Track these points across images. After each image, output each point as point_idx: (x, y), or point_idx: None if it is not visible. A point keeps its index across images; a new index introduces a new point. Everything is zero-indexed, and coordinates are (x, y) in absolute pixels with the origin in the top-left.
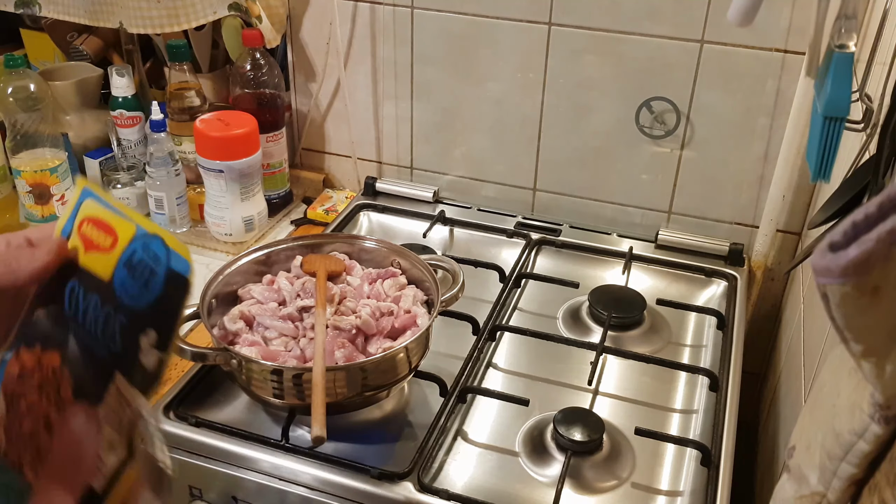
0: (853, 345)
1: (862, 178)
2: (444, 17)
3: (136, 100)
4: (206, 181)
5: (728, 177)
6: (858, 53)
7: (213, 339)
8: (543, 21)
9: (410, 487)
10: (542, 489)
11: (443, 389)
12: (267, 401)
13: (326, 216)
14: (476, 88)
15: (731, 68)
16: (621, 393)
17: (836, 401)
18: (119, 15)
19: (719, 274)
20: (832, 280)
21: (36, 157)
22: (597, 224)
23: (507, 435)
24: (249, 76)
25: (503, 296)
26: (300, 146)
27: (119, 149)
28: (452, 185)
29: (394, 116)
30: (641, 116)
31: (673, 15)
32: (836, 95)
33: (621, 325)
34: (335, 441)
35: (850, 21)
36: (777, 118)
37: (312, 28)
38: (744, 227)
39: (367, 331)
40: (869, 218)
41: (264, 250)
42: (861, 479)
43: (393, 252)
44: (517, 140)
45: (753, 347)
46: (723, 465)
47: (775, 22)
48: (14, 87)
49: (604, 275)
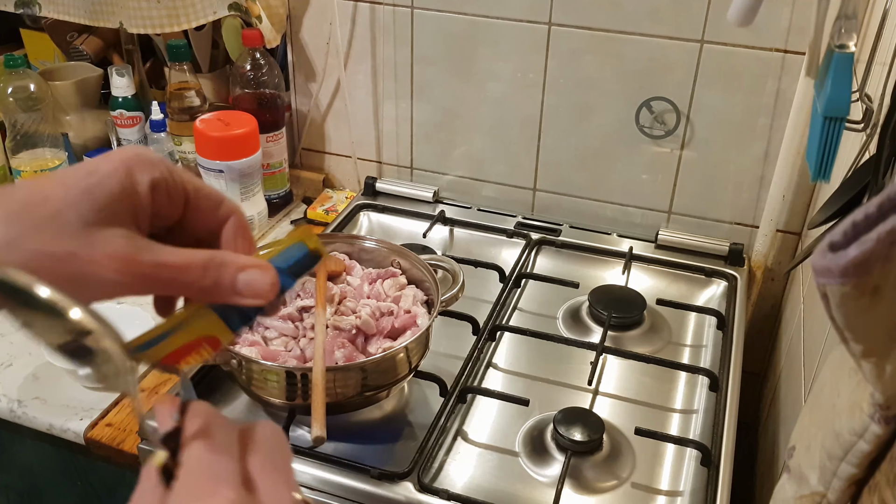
0: (853, 345)
1: (862, 178)
2: (444, 17)
3: (136, 100)
4: (206, 181)
5: (728, 177)
6: (858, 53)
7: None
8: (543, 21)
9: (410, 487)
10: (542, 489)
11: (443, 389)
12: (267, 401)
13: (326, 216)
14: (476, 88)
15: (731, 68)
16: (621, 393)
17: (836, 401)
18: (119, 15)
19: (719, 274)
20: (832, 280)
21: (36, 157)
22: (597, 224)
23: (507, 435)
24: (249, 76)
25: (503, 296)
26: (300, 146)
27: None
28: (452, 185)
29: (394, 116)
30: (641, 116)
31: (673, 15)
32: (836, 95)
33: (621, 325)
34: (335, 441)
35: (850, 21)
36: (777, 118)
37: (312, 28)
38: (744, 227)
39: (367, 331)
40: (869, 218)
41: (264, 250)
42: (861, 479)
43: (393, 252)
44: (517, 140)
45: (753, 347)
46: (723, 465)
47: (775, 22)
48: (14, 87)
49: (604, 275)
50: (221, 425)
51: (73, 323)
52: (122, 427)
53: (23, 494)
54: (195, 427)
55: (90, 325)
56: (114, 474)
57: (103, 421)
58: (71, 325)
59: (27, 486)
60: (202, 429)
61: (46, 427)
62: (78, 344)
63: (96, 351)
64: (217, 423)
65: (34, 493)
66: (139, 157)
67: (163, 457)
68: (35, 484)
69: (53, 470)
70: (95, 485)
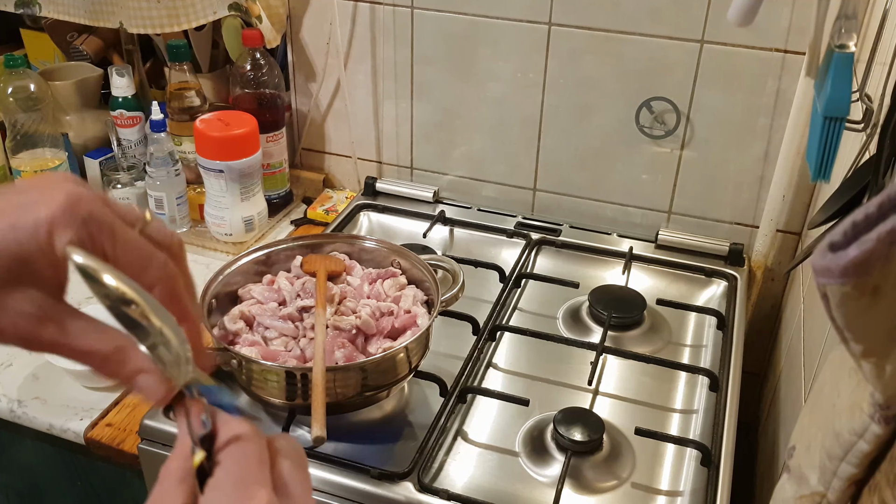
0: (853, 345)
1: (862, 178)
2: (444, 17)
3: (136, 100)
4: (206, 181)
5: (728, 177)
6: (858, 53)
7: (213, 339)
8: (543, 21)
9: (410, 487)
10: (542, 489)
11: (443, 389)
12: (267, 401)
13: (326, 216)
14: (476, 88)
15: (731, 68)
16: (621, 393)
17: (836, 401)
18: (119, 15)
19: (719, 274)
20: (832, 280)
21: (36, 157)
22: (597, 224)
23: (507, 435)
24: (249, 76)
25: (503, 296)
26: (300, 146)
27: (119, 149)
28: (452, 185)
29: (394, 116)
30: (641, 116)
31: (673, 15)
32: (836, 95)
33: (621, 325)
34: (335, 441)
35: (850, 21)
36: (777, 118)
37: (312, 28)
38: (744, 227)
39: (367, 331)
40: (869, 218)
41: (264, 250)
42: (861, 479)
43: (393, 252)
44: (517, 140)
45: (753, 347)
46: (723, 465)
47: (775, 22)
48: (14, 87)
49: (604, 275)
50: (255, 431)
51: (110, 288)
52: (122, 427)
53: (23, 494)
54: (232, 432)
55: (130, 295)
56: (114, 474)
57: (103, 421)
58: (107, 290)
59: (27, 486)
60: (239, 434)
61: (46, 427)
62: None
63: (145, 326)
64: (251, 429)
65: (34, 493)
66: (68, 209)
67: (202, 456)
68: (35, 484)
69: (53, 470)
70: (95, 485)
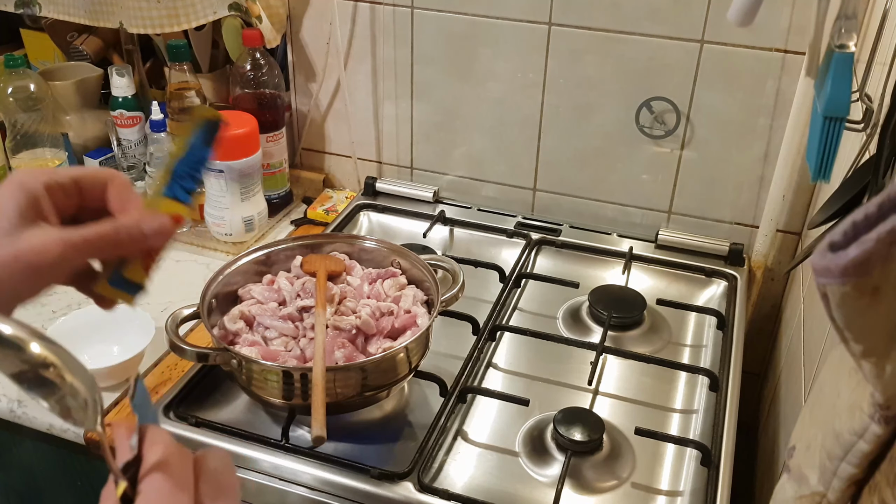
0: (853, 345)
1: (862, 178)
2: (444, 17)
3: (136, 100)
4: (206, 181)
5: (728, 177)
6: (858, 53)
7: (213, 339)
8: (543, 21)
9: (410, 487)
10: (542, 489)
11: (443, 389)
12: (267, 401)
13: (326, 216)
14: (476, 88)
15: (731, 68)
16: (621, 393)
17: (836, 401)
18: (119, 15)
19: (719, 274)
20: (832, 280)
21: (36, 157)
22: (597, 224)
23: (507, 435)
24: (249, 76)
25: (503, 296)
26: (300, 146)
27: (119, 149)
28: (452, 185)
29: (394, 116)
30: (641, 116)
31: (673, 15)
32: (836, 95)
33: (621, 325)
34: (335, 441)
35: (850, 21)
36: (777, 118)
37: (312, 28)
38: (744, 227)
39: (367, 331)
40: (869, 218)
41: (264, 250)
42: (861, 479)
43: (393, 252)
44: (517, 140)
45: (753, 347)
46: (723, 465)
47: (775, 22)
48: (14, 87)
49: (604, 275)
50: (178, 455)
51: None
52: None
53: (23, 494)
54: (154, 458)
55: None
56: None
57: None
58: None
59: (27, 487)
60: (161, 460)
61: (46, 427)
62: (35, 374)
63: (58, 384)
64: (174, 453)
65: (34, 494)
66: (26, 174)
67: (123, 487)
68: (35, 484)
69: (53, 470)
70: (95, 485)
